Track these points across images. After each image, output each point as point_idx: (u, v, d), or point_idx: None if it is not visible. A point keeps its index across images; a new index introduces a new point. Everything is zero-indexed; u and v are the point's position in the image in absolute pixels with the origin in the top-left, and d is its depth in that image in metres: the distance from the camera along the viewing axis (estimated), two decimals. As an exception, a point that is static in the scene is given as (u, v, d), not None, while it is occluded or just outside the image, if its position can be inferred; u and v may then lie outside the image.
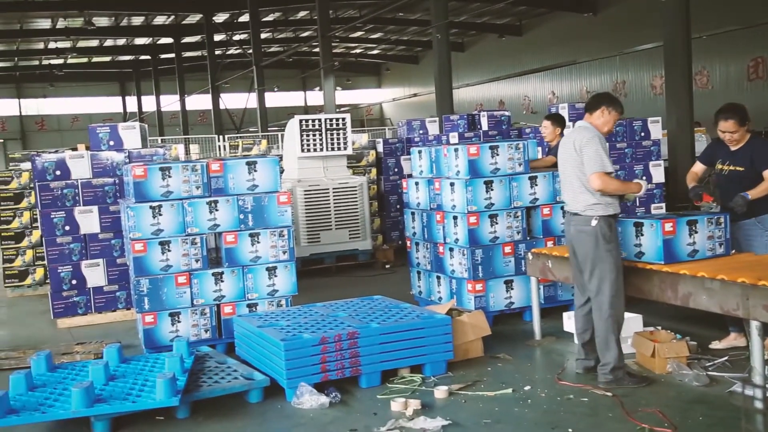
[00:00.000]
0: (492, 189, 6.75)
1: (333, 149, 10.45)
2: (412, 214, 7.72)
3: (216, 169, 6.52)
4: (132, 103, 44.38)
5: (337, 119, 10.51)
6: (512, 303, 6.94)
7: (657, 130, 9.12)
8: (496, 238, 6.81)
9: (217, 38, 31.50)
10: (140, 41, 35.55)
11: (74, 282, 8.00)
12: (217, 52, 32.53)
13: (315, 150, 10.38)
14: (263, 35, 31.10)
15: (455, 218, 6.89)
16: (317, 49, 25.07)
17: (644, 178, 8.72)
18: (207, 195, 6.50)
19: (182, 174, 6.43)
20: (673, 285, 4.98)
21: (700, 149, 9.53)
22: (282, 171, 10.70)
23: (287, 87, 44.73)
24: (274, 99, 40.68)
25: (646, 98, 24.34)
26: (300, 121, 10.34)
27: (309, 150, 10.36)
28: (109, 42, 34.94)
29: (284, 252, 6.67)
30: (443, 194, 7.06)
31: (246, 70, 29.29)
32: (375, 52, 41.61)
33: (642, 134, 8.99)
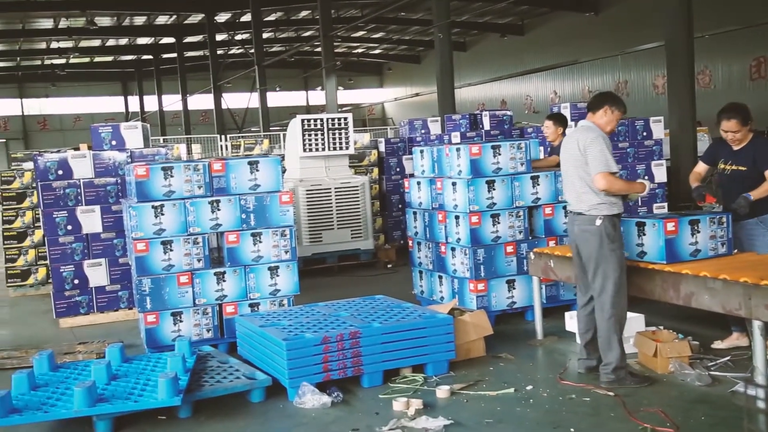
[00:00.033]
0: (494, 188, 6.75)
1: (335, 149, 10.45)
2: (414, 214, 7.71)
3: (218, 169, 6.52)
4: (134, 103, 44.46)
5: (339, 119, 10.51)
6: (514, 302, 6.94)
7: (659, 130, 9.10)
8: (498, 238, 6.81)
9: (219, 38, 31.51)
10: (142, 41, 35.58)
11: (76, 282, 8.01)
12: (219, 52, 32.54)
13: (317, 150, 10.39)
14: (265, 35, 31.12)
15: (457, 218, 6.88)
16: (319, 49, 25.06)
17: (646, 178, 8.72)
18: (209, 195, 6.50)
19: (184, 174, 6.43)
20: (676, 285, 4.98)
21: (702, 149, 9.52)
22: (284, 171, 10.71)
23: (289, 87, 44.74)
24: (276, 99, 40.68)
25: (648, 98, 24.32)
26: (302, 121, 10.34)
27: (311, 150, 10.36)
28: (111, 42, 34.97)
29: (286, 251, 6.67)
30: (445, 194, 7.06)
31: (248, 70, 29.32)
32: (377, 52, 41.61)
33: (644, 134, 8.97)
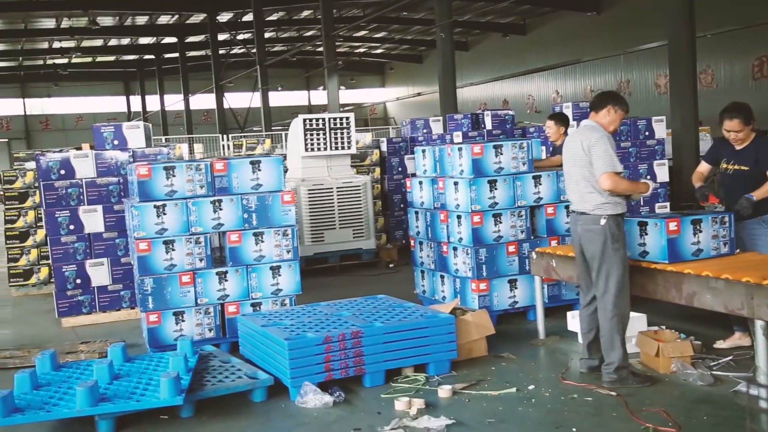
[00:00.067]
0: (496, 188, 6.75)
1: (337, 148, 10.45)
2: (416, 214, 7.71)
3: (220, 169, 6.53)
4: (136, 103, 44.55)
5: (341, 118, 10.51)
6: (516, 302, 6.94)
7: (661, 130, 9.10)
8: (500, 238, 6.81)
9: (221, 38, 31.54)
10: (144, 41, 35.63)
11: (78, 281, 8.01)
12: (221, 52, 32.57)
13: (319, 149, 10.38)
14: (267, 34, 31.16)
15: (459, 217, 6.88)
16: (321, 49, 25.08)
17: (648, 177, 8.71)
18: (211, 194, 6.50)
19: (186, 173, 6.44)
20: (678, 284, 4.97)
21: (705, 148, 9.52)
22: (286, 170, 10.70)
23: (291, 86, 44.78)
24: (278, 98, 40.73)
25: (651, 97, 24.31)
26: (304, 121, 10.34)
27: (313, 149, 10.36)
28: (114, 41, 35.03)
29: (288, 251, 6.67)
30: (447, 193, 7.06)
31: (250, 70, 29.34)
32: (379, 52, 41.63)
33: (646, 133, 8.97)
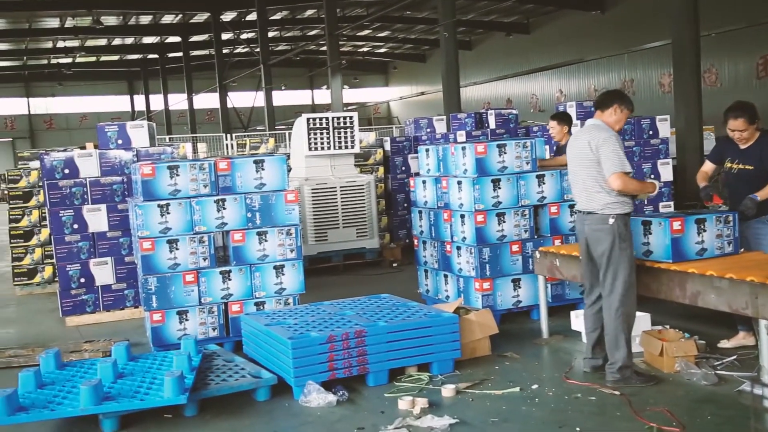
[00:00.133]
0: (499, 187, 6.74)
1: (340, 148, 10.45)
2: (420, 213, 7.71)
3: (224, 168, 6.53)
4: (140, 102, 44.62)
5: (345, 118, 10.51)
6: (520, 301, 6.93)
7: (665, 129, 9.08)
8: (504, 237, 6.80)
9: (225, 37, 31.57)
10: (148, 40, 35.69)
11: (83, 280, 8.02)
12: (225, 51, 32.60)
13: (322, 148, 10.39)
14: (271, 34, 31.18)
15: (462, 217, 6.88)
16: (324, 48, 25.12)
17: (653, 177, 8.70)
18: (215, 193, 6.51)
19: (190, 172, 6.44)
20: (682, 283, 4.97)
21: (709, 147, 9.50)
22: (289, 169, 10.71)
23: (295, 85, 44.83)
24: (282, 97, 40.77)
25: (655, 96, 24.27)
26: (307, 120, 10.34)
27: (316, 148, 10.37)
28: (117, 41, 35.09)
29: (292, 250, 6.68)
30: (450, 193, 7.06)
31: (253, 69, 29.35)
32: (382, 51, 41.63)
33: (650, 132, 8.96)
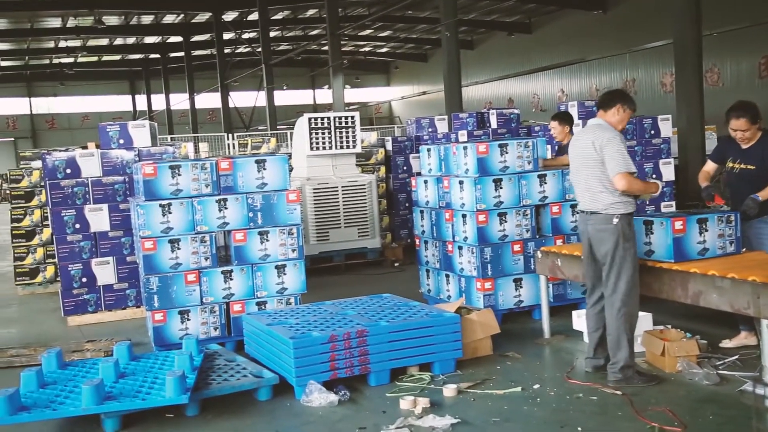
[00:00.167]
0: (501, 187, 6.74)
1: (342, 147, 10.45)
2: (421, 212, 7.71)
3: (225, 168, 6.53)
4: (141, 102, 44.64)
5: (346, 117, 10.52)
6: (521, 301, 6.93)
7: (667, 128, 9.07)
8: (505, 237, 6.80)
9: (227, 37, 31.60)
10: (150, 40, 35.70)
11: (84, 280, 8.03)
12: (227, 51, 32.62)
13: (324, 148, 10.39)
14: (272, 33, 31.17)
15: (464, 216, 6.88)
16: (326, 47, 25.10)
17: (654, 176, 8.69)
18: (216, 193, 6.51)
19: (192, 172, 6.44)
20: (683, 283, 4.96)
21: (711, 147, 9.49)
22: (291, 169, 10.71)
23: (296, 85, 44.86)
24: (283, 97, 40.78)
25: (656, 96, 24.25)
26: (309, 120, 10.34)
27: (318, 148, 10.37)
28: (119, 41, 35.11)
29: (293, 250, 6.68)
30: (452, 192, 7.05)
31: (255, 69, 29.37)
32: (384, 50, 41.63)
33: (652, 132, 8.94)
